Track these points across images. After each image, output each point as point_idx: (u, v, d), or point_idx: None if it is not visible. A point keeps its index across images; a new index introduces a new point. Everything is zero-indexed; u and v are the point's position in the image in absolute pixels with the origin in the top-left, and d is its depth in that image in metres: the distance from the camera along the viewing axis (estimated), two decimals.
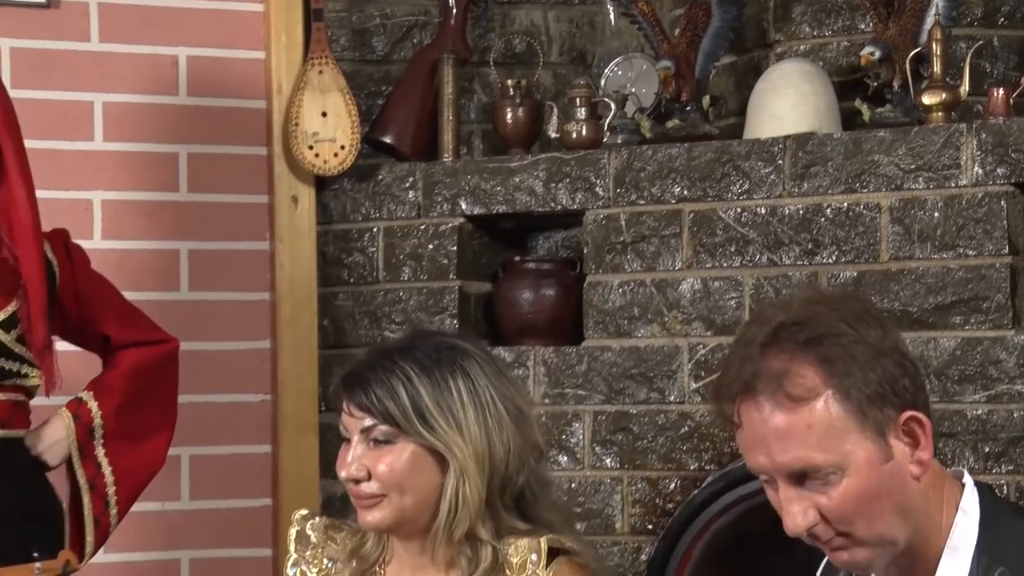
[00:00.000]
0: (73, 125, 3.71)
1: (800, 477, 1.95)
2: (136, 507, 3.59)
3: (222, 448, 3.81)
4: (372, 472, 2.30)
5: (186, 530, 3.76)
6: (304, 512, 2.49)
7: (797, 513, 1.95)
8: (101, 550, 3.41)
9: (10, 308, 3.12)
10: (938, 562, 2.00)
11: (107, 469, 3.15)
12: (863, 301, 2.11)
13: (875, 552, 1.98)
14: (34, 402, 3.12)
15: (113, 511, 3.17)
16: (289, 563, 2.46)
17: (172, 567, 3.76)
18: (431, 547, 2.34)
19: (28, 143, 3.24)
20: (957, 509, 2.01)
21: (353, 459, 2.31)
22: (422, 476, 2.31)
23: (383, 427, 2.30)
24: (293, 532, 2.47)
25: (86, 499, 3.14)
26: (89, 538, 3.14)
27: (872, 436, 1.95)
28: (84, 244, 3.40)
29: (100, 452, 3.15)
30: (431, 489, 2.31)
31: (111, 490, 3.16)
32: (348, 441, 2.34)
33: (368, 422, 2.31)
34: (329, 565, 2.44)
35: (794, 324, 1.98)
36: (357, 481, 2.31)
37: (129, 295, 3.35)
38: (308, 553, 2.45)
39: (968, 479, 2.05)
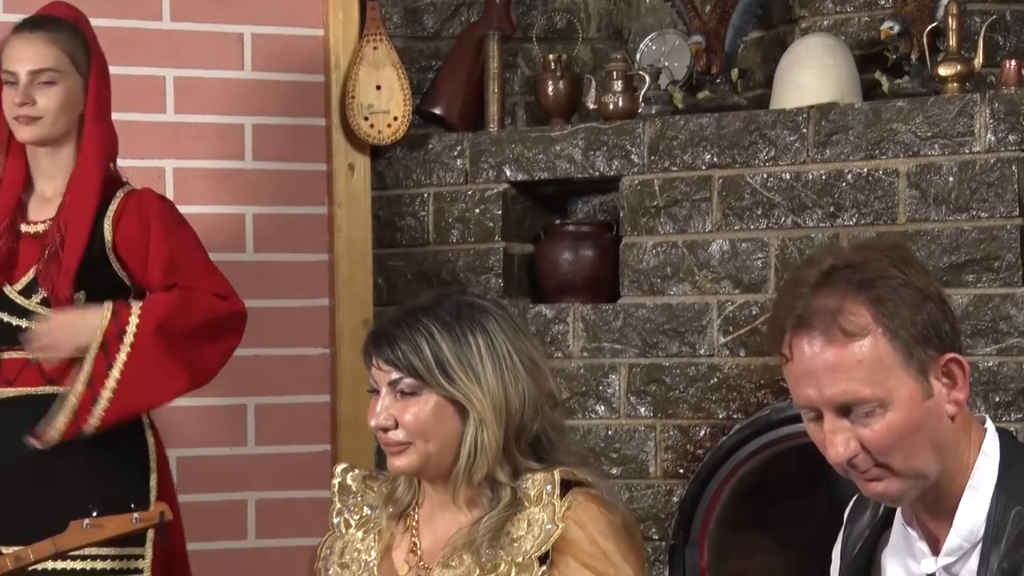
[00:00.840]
0: (147, 98, 3.72)
1: (845, 410, 1.95)
2: (206, 452, 3.65)
3: (285, 398, 3.81)
4: (399, 421, 2.32)
5: (252, 473, 3.78)
6: (344, 465, 2.51)
7: (840, 443, 1.95)
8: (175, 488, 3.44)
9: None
10: (959, 499, 1.99)
11: (115, 374, 3.06)
12: (909, 250, 2.09)
13: (908, 484, 1.97)
14: None
15: (98, 414, 3.04)
16: (333, 512, 2.47)
17: (240, 507, 3.77)
18: (453, 488, 2.35)
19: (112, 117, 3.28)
20: (980, 451, 2.01)
21: (381, 409, 2.33)
22: (444, 425, 2.33)
23: (408, 380, 2.31)
24: (336, 484, 2.48)
25: (80, 386, 3.04)
26: (61, 417, 3.03)
27: (915, 374, 1.95)
28: None
29: (120, 357, 3.07)
30: (453, 436, 2.33)
31: (106, 393, 3.06)
32: (377, 393, 2.35)
33: (394, 375, 2.32)
34: (368, 512, 2.45)
35: (847, 267, 1.99)
36: (386, 430, 2.32)
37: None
38: (350, 502, 2.46)
39: (990, 424, 2.04)
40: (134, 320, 3.09)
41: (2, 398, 3.10)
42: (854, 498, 2.20)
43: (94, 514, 2.20)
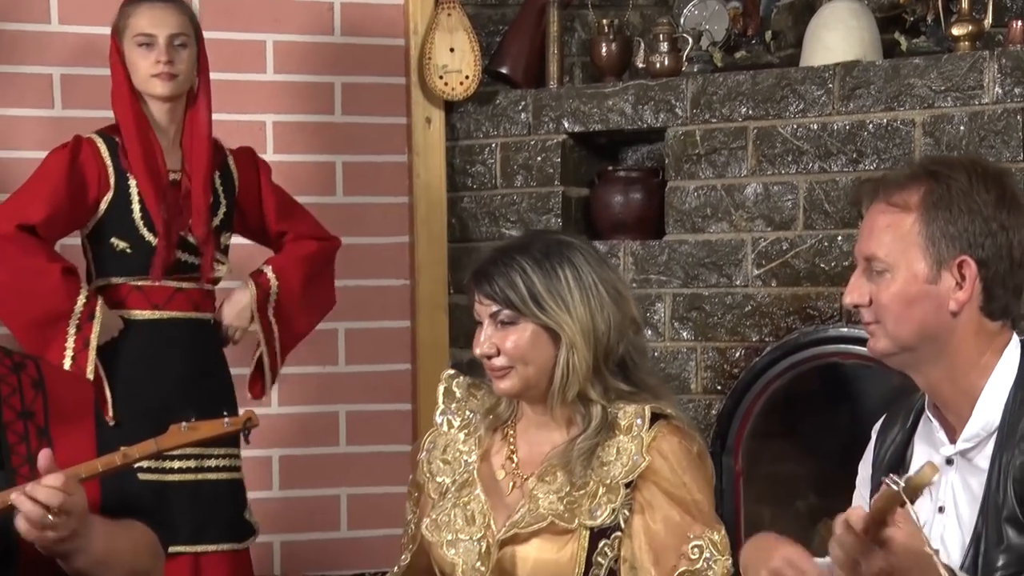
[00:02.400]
0: (250, 61, 3.72)
1: (868, 265, 2.02)
2: (302, 370, 3.68)
3: (371, 323, 3.83)
4: (501, 348, 2.31)
5: (342, 388, 3.80)
6: (452, 371, 2.50)
7: (853, 290, 2.04)
8: (275, 403, 3.50)
9: (214, 223, 3.15)
10: (976, 394, 2.01)
11: (275, 329, 3.19)
12: (1004, 178, 2.06)
13: (891, 346, 2.03)
14: None
15: (279, 362, 3.22)
16: (437, 412, 2.46)
17: (332, 418, 3.79)
18: (550, 408, 2.34)
19: (214, 75, 3.28)
20: (1002, 353, 2.02)
21: (485, 339, 2.32)
22: (540, 350, 2.31)
23: (506, 311, 2.31)
24: (441, 387, 2.47)
25: (266, 352, 3.18)
26: (268, 377, 3.20)
27: (929, 260, 1.99)
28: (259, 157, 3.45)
29: (271, 315, 3.18)
30: (548, 360, 2.31)
31: (278, 344, 3.20)
32: (481, 324, 2.35)
33: (494, 308, 2.32)
34: (470, 416, 2.44)
35: (935, 162, 2.07)
36: (489, 357, 2.32)
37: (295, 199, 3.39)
38: (453, 405, 2.45)
39: (1015, 336, 2.05)
40: (273, 284, 3.18)
41: (155, 320, 3.14)
42: (883, 417, 2.21)
43: (192, 419, 2.22)
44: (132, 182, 3.07)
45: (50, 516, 2.04)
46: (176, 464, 3.07)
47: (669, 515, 2.24)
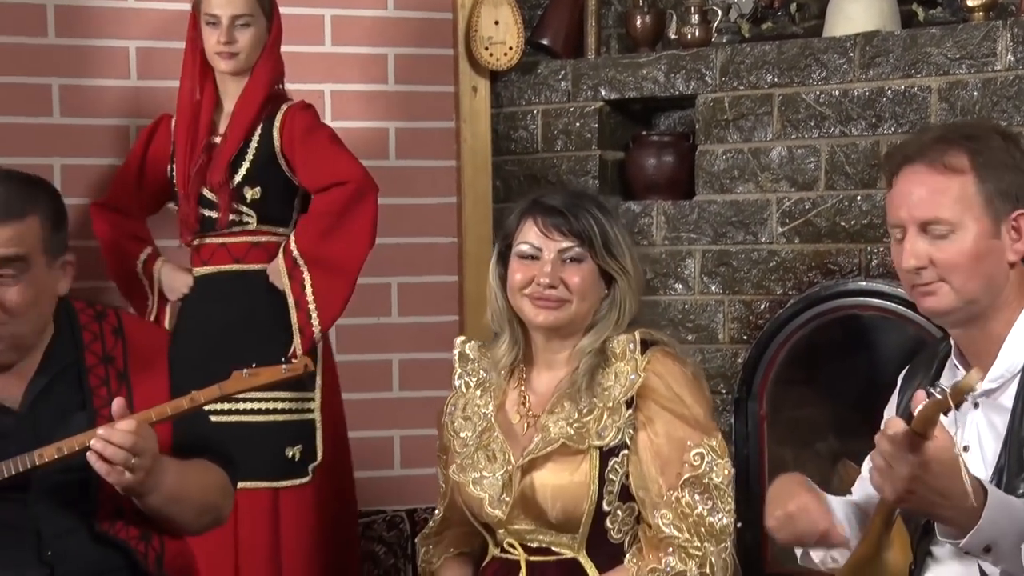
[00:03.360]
0: (310, 34, 3.69)
1: (925, 228, 1.99)
2: (357, 321, 3.67)
3: (421, 277, 3.82)
4: (565, 281, 2.32)
5: (394, 338, 3.79)
6: (462, 338, 2.51)
7: (912, 255, 2.00)
8: (333, 349, 3.49)
9: (236, 178, 3.14)
10: (1004, 337, 2.01)
11: (309, 290, 3.13)
12: (1016, 134, 2.13)
13: (958, 301, 2.00)
14: None
15: (316, 323, 3.14)
16: (455, 376, 2.48)
17: (385, 365, 3.79)
18: (568, 348, 2.36)
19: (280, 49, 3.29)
20: None
21: (552, 271, 2.31)
22: (596, 288, 2.35)
23: (578, 249, 2.33)
24: (456, 353, 2.49)
25: (292, 313, 3.13)
26: (296, 340, 3.13)
27: (990, 217, 1.98)
28: None
29: (306, 277, 3.13)
30: (597, 299, 2.35)
31: (312, 307, 3.14)
32: (530, 258, 2.34)
33: (566, 244, 2.32)
34: (484, 375, 2.45)
35: (962, 126, 2.11)
36: (552, 286, 2.32)
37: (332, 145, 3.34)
38: (468, 367, 2.47)
39: None
40: (293, 243, 3.13)
41: (201, 274, 3.17)
42: (907, 367, 2.20)
43: (253, 365, 2.24)
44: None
45: (133, 459, 2.07)
46: (255, 405, 3.11)
47: (669, 428, 2.28)
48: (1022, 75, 3.17)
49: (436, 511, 2.54)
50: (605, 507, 2.28)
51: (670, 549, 2.23)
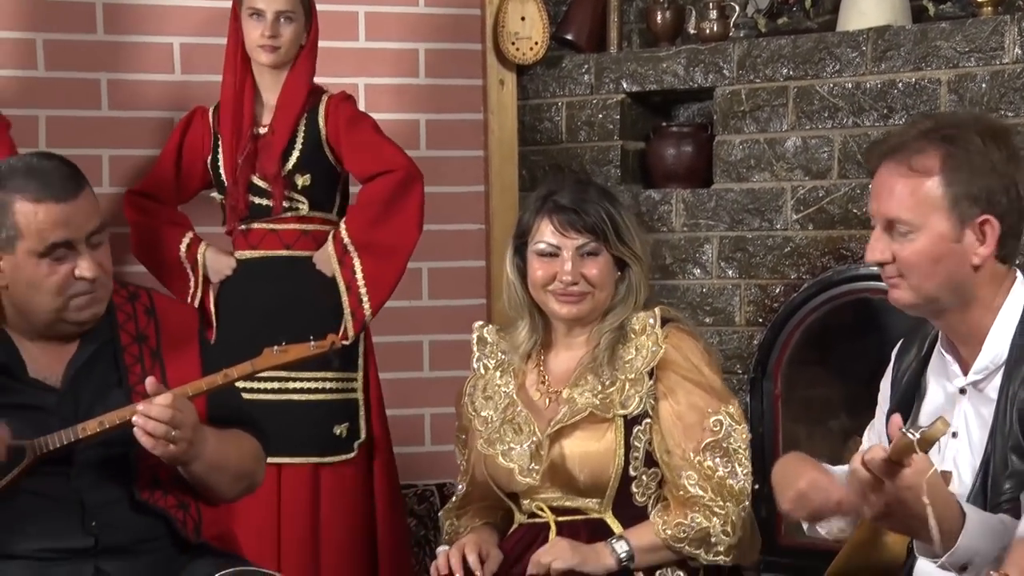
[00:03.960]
0: (345, 30, 3.70)
1: (890, 225, 1.97)
2: (390, 304, 3.66)
3: (451, 262, 3.82)
4: (586, 276, 2.37)
5: (425, 320, 3.80)
6: (480, 323, 2.55)
7: (876, 249, 1.99)
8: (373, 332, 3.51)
9: (287, 166, 3.15)
10: (987, 331, 1.99)
11: (359, 275, 3.16)
12: (1005, 133, 2.02)
13: (916, 299, 1.99)
14: None
15: (367, 306, 3.17)
16: (474, 359, 2.52)
17: (416, 347, 3.80)
18: (585, 330, 2.40)
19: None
20: (1008, 294, 1.99)
21: (571, 268, 2.36)
22: (611, 277, 2.40)
23: (593, 244, 2.37)
24: (475, 337, 2.52)
25: (344, 297, 3.16)
26: (348, 324, 3.17)
27: (953, 220, 1.94)
28: None
29: (356, 263, 3.15)
30: (612, 286, 2.40)
31: (363, 291, 3.17)
32: (549, 256, 2.38)
33: (582, 241, 2.37)
34: (503, 356, 2.49)
35: (946, 124, 1.99)
36: (575, 283, 2.37)
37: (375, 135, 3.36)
38: (487, 350, 2.51)
39: (1020, 274, 2.02)
40: (343, 231, 3.15)
41: (251, 259, 3.18)
42: (900, 341, 2.19)
43: (283, 343, 2.26)
44: (221, 141, 3.13)
45: (174, 432, 2.09)
46: (303, 385, 3.13)
47: (690, 396, 2.34)
48: None
49: (458, 487, 2.56)
50: (631, 472, 2.34)
51: (696, 507, 2.30)
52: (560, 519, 2.38)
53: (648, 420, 2.34)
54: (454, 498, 2.57)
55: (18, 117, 3.33)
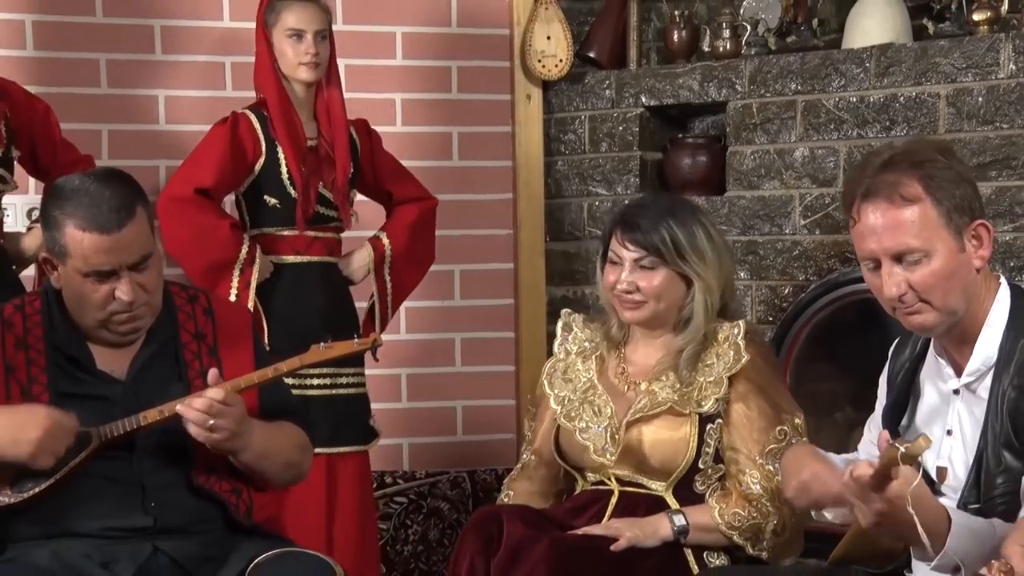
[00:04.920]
0: (382, 48, 3.73)
1: (899, 258, 1.93)
2: (425, 303, 3.72)
3: (480, 265, 3.84)
4: (640, 286, 2.41)
5: (457, 319, 3.83)
6: (568, 311, 2.61)
7: (893, 284, 1.94)
8: (403, 331, 3.54)
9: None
10: (979, 334, 1.98)
11: (389, 285, 3.23)
12: (950, 145, 2.10)
13: (941, 317, 1.96)
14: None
15: (390, 311, 3.26)
16: (556, 343, 2.58)
17: (449, 343, 3.82)
18: (663, 333, 2.46)
19: (353, 61, 3.32)
20: (995, 299, 1.99)
21: (625, 278, 2.42)
22: (672, 290, 2.44)
23: (650, 258, 2.42)
24: (560, 324, 2.59)
25: (378, 304, 3.22)
26: (378, 327, 3.22)
27: (953, 234, 1.93)
28: (388, 128, 3.46)
29: (386, 273, 3.21)
30: (677, 298, 2.43)
31: (390, 298, 3.23)
32: (615, 264, 2.44)
33: (638, 254, 2.42)
34: (587, 344, 2.55)
35: (904, 153, 1.96)
36: (629, 292, 2.42)
37: (418, 162, 3.41)
38: (570, 335, 2.57)
39: (1003, 280, 2.02)
40: (387, 248, 3.21)
41: (299, 263, 3.18)
42: (896, 340, 2.19)
43: (328, 340, 2.29)
44: (279, 148, 3.12)
45: (210, 420, 2.12)
46: (315, 381, 3.14)
47: (761, 404, 2.40)
48: (1023, 83, 3.13)
49: (523, 455, 2.62)
50: (700, 465, 2.41)
51: (754, 504, 2.35)
52: (624, 489, 2.43)
53: (720, 421, 2.40)
54: (517, 467, 2.62)
55: (84, 131, 3.39)
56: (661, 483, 2.42)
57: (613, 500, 2.42)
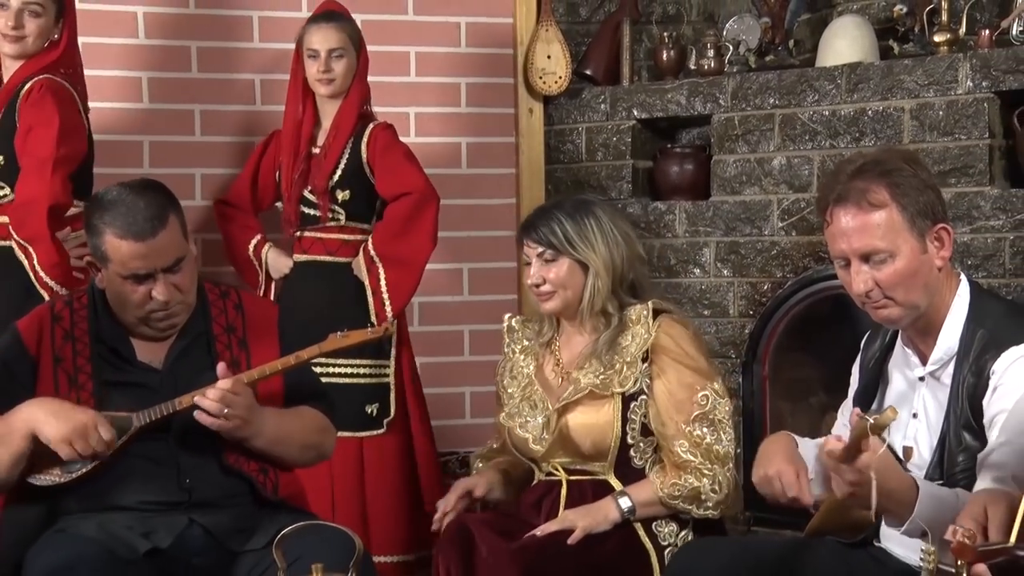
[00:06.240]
0: (397, 66, 3.73)
1: (866, 258, 1.95)
2: (436, 299, 3.70)
3: (487, 263, 3.83)
4: (546, 279, 2.42)
5: (466, 313, 3.81)
6: (509, 315, 2.62)
7: (861, 281, 1.96)
8: (416, 323, 3.54)
9: (331, 183, 3.16)
10: (942, 326, 2.00)
11: (383, 283, 3.17)
12: (917, 154, 2.09)
13: (905, 311, 1.98)
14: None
15: (388, 309, 3.18)
16: (504, 345, 2.59)
17: (458, 335, 3.80)
18: (581, 320, 2.45)
19: (372, 78, 3.30)
20: (956, 294, 2.00)
21: (534, 273, 2.43)
22: (575, 278, 2.42)
23: (548, 251, 2.42)
24: (504, 326, 2.59)
25: (371, 300, 3.18)
26: (372, 313, 3.17)
27: (916, 236, 1.95)
28: (404, 139, 3.42)
29: (380, 272, 3.17)
30: (581, 286, 2.42)
31: (386, 296, 3.18)
32: (528, 264, 2.47)
33: (540, 249, 2.43)
34: (527, 342, 2.55)
35: (873, 163, 1.98)
36: (537, 285, 2.43)
37: (430, 170, 3.36)
38: (514, 336, 2.57)
39: (963, 276, 2.04)
40: (371, 244, 3.18)
41: (302, 261, 3.23)
42: (868, 332, 2.21)
43: (344, 330, 2.31)
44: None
45: (226, 409, 2.14)
46: (341, 370, 3.16)
47: (680, 376, 2.37)
48: (979, 98, 3.14)
49: (492, 443, 2.63)
50: (629, 440, 2.39)
51: (688, 470, 2.34)
52: (571, 478, 2.43)
53: (644, 397, 2.38)
54: (487, 447, 2.63)
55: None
56: (601, 465, 2.40)
57: (563, 491, 2.41)
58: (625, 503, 2.36)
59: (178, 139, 3.56)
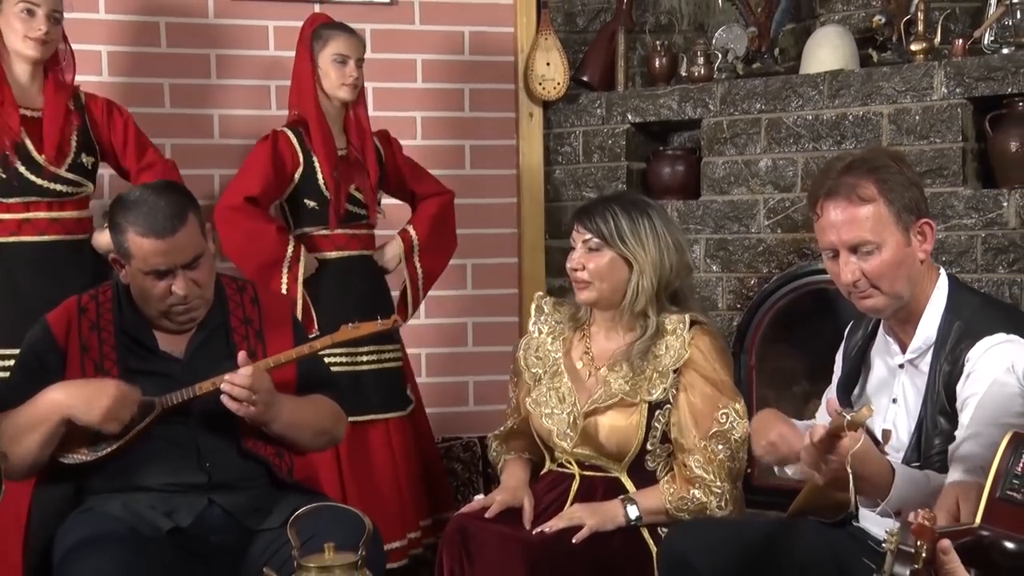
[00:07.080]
0: (404, 73, 3.74)
1: (854, 249, 1.96)
2: (442, 293, 3.70)
3: (489, 259, 3.84)
4: (585, 266, 2.36)
5: (470, 306, 3.83)
6: (540, 293, 2.55)
7: (849, 272, 1.97)
8: (423, 316, 3.52)
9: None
10: (921, 316, 2.01)
11: (419, 271, 3.24)
12: (903, 154, 2.10)
13: (889, 301, 1.99)
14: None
15: (421, 294, 3.27)
16: (530, 323, 2.52)
17: (462, 327, 3.81)
18: (619, 317, 2.39)
19: (380, 84, 3.32)
20: (935, 286, 2.01)
21: (576, 258, 2.37)
22: (616, 273, 2.35)
23: (595, 240, 2.35)
24: (534, 305, 2.52)
25: (410, 288, 3.23)
26: (411, 309, 3.26)
27: (902, 230, 1.96)
28: (410, 142, 3.46)
29: (416, 261, 3.23)
30: (620, 282, 2.36)
31: (421, 283, 3.24)
32: (573, 248, 2.38)
33: (587, 236, 2.36)
34: (555, 325, 2.48)
35: (862, 160, 1.99)
36: (576, 271, 2.36)
37: (435, 171, 3.39)
38: (543, 317, 2.50)
39: (943, 270, 2.05)
40: (414, 239, 3.23)
41: (338, 258, 3.18)
42: (851, 322, 2.21)
43: (356, 321, 2.31)
44: (315, 158, 3.16)
45: (253, 395, 2.15)
46: (366, 357, 3.16)
47: (704, 391, 2.32)
48: (953, 104, 3.15)
49: (507, 421, 2.56)
50: (648, 446, 2.34)
51: (698, 485, 2.29)
52: (584, 473, 2.39)
53: (668, 407, 2.34)
54: (503, 427, 2.56)
55: None
56: (617, 464, 2.37)
57: (575, 485, 2.38)
58: (633, 512, 2.32)
59: (197, 142, 3.57)
